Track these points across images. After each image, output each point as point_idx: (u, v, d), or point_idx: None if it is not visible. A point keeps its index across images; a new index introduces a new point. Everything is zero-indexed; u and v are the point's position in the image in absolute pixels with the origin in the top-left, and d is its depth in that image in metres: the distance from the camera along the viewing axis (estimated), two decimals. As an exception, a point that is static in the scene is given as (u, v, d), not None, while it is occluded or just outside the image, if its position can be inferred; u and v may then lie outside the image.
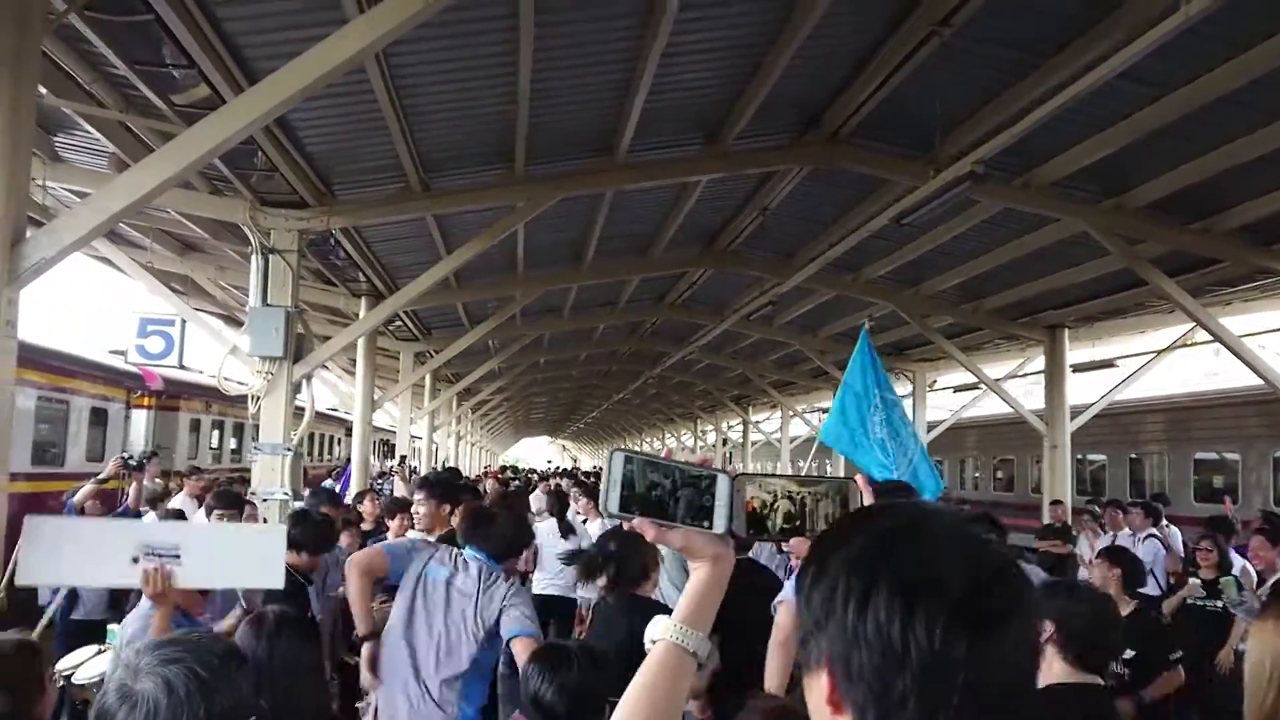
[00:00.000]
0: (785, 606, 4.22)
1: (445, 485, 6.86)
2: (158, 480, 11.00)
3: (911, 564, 1.07)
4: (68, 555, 4.79)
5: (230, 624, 4.64)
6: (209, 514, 7.13)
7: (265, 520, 8.86)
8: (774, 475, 1.60)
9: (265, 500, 9.49)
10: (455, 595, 4.60)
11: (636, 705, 1.47)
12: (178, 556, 4.59)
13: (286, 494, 9.51)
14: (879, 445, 9.50)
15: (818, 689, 1.12)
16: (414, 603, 4.63)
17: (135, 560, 4.54)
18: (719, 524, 1.51)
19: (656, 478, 1.50)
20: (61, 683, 4.72)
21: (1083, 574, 9.98)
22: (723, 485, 1.51)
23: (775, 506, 1.55)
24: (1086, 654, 3.18)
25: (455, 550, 4.83)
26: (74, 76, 7.67)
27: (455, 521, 5.85)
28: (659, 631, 1.53)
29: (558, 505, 10.55)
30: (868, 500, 1.54)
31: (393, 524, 8.20)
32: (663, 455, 1.54)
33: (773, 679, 4.15)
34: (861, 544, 1.11)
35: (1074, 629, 3.17)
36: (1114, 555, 6.86)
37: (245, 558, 4.71)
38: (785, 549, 6.73)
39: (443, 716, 4.45)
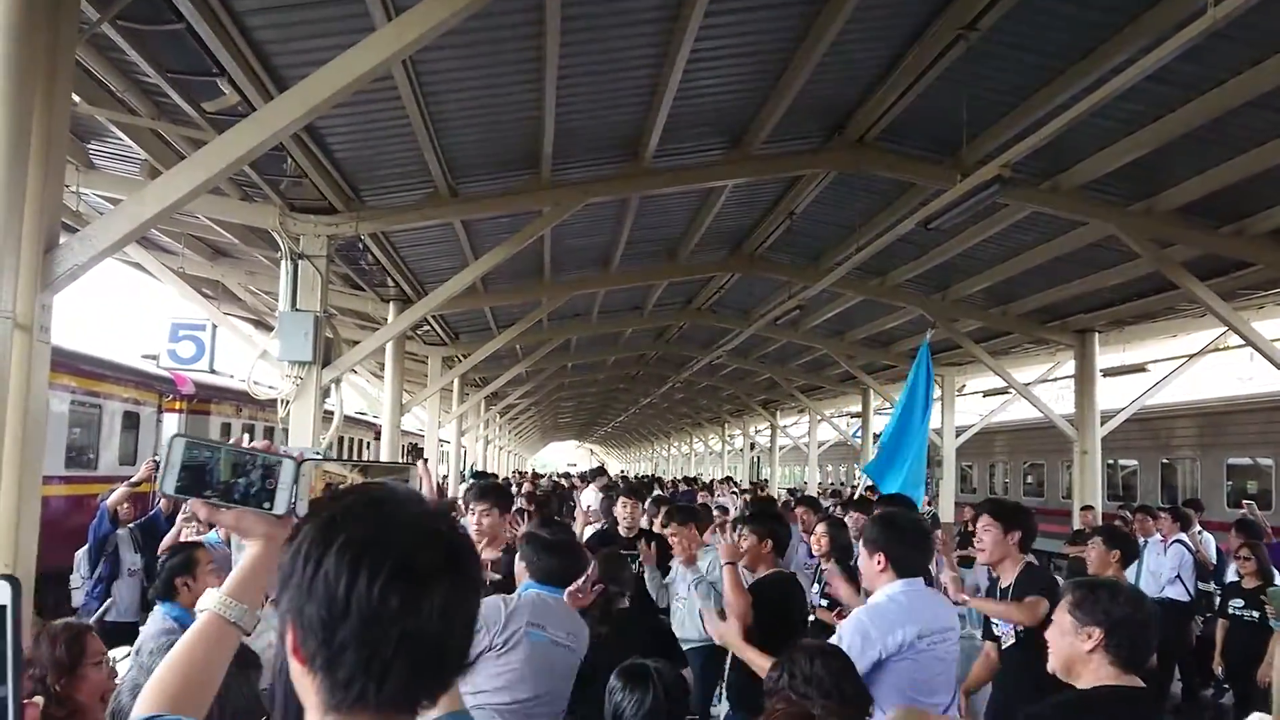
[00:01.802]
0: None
1: (504, 493, 6.59)
2: None
3: (361, 529, 1.22)
4: None
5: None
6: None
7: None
8: (339, 460, 1.70)
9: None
10: None
11: (175, 667, 1.59)
12: None
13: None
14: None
15: (289, 640, 1.25)
16: None
17: None
18: (279, 506, 1.61)
19: (219, 460, 1.59)
20: None
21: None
22: (287, 470, 1.61)
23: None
24: (1130, 655, 3.09)
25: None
26: (106, 84, 7.77)
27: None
28: (205, 602, 1.63)
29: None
30: (427, 487, 1.70)
31: None
32: (231, 442, 1.61)
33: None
34: (327, 515, 1.26)
35: (1122, 631, 3.06)
36: (1113, 536, 6.68)
37: None
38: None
39: None
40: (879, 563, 4.08)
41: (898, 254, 13.89)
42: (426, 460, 17.61)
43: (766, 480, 34.39)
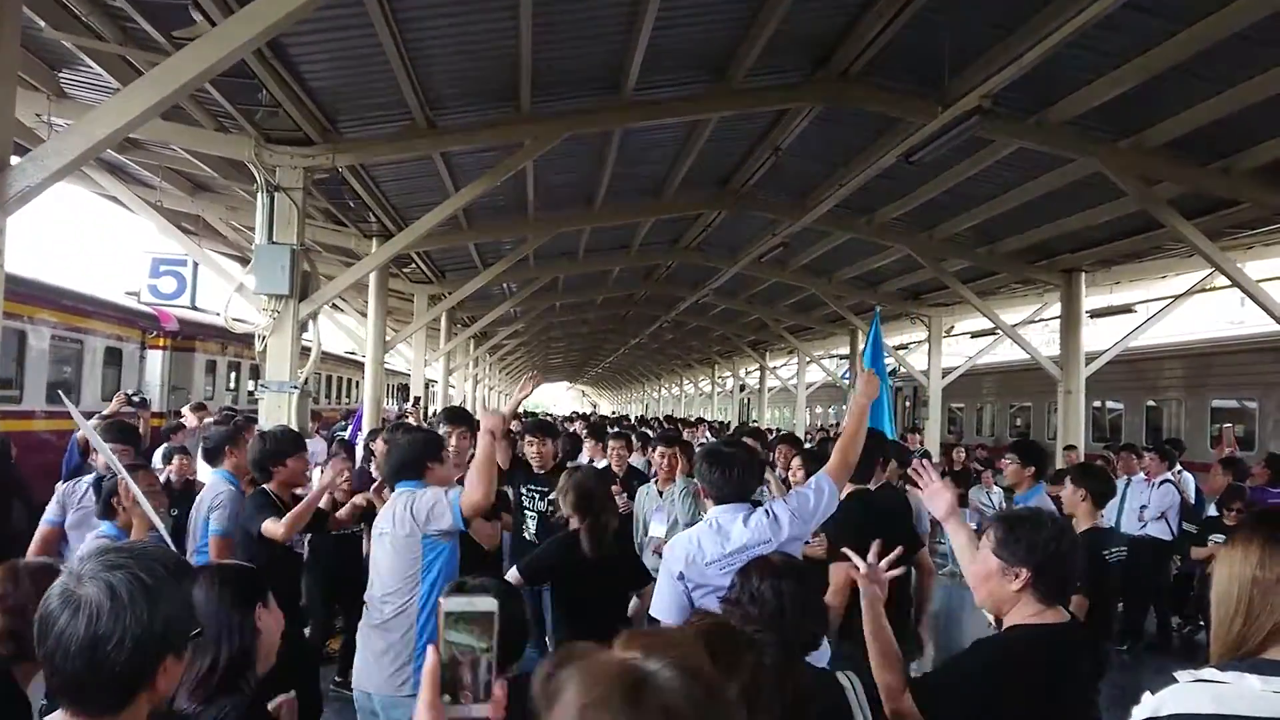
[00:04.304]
0: None
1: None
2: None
3: None
4: None
5: None
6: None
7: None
8: None
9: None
10: None
11: None
12: None
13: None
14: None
15: None
16: None
17: None
18: None
19: None
20: None
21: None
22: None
23: None
24: (1058, 592, 2.93)
25: None
26: (70, 7, 7.60)
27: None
28: None
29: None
30: None
31: None
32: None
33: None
34: None
35: (1049, 569, 2.89)
36: (1085, 475, 6.23)
37: None
38: None
39: None
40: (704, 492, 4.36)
41: (884, 191, 13.77)
42: (418, 400, 17.63)
43: (754, 422, 34.45)
